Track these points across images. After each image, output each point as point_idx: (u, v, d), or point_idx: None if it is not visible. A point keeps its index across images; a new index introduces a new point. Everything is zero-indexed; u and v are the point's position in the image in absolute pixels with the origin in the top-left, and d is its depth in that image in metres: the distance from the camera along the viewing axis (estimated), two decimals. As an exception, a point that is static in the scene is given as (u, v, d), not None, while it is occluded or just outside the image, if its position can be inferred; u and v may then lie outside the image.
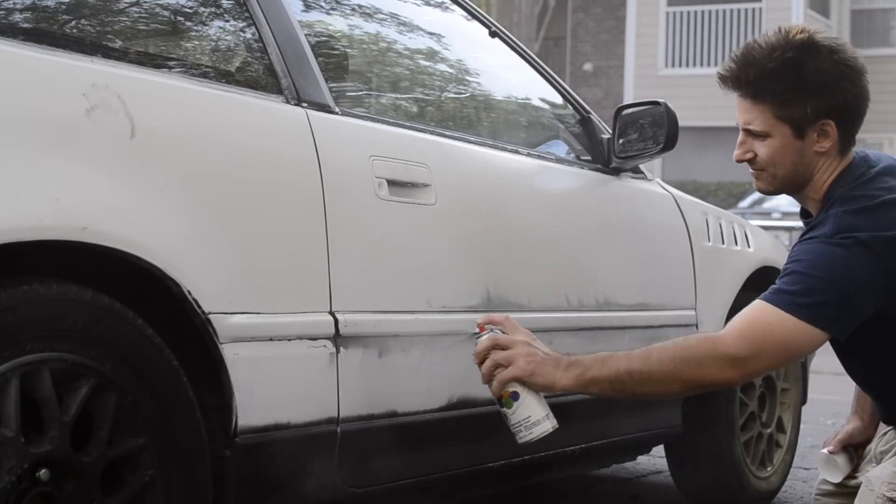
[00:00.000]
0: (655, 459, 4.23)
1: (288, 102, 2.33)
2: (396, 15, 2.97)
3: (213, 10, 2.42)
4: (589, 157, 3.19)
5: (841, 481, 2.57)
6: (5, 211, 1.77)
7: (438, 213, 2.53)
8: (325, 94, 2.41)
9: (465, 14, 3.11)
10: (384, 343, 2.37)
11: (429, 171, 2.53)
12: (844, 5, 20.49)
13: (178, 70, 2.22)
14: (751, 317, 2.27)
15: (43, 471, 1.80)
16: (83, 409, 1.86)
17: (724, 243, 3.54)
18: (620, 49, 20.95)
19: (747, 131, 2.36)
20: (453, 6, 3.10)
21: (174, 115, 2.10)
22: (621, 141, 3.15)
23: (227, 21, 2.40)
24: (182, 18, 2.39)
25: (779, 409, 3.76)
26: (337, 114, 2.42)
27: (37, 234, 1.81)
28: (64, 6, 2.18)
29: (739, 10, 19.39)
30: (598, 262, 3.04)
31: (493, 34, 3.13)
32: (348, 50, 2.74)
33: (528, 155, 2.97)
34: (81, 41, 2.11)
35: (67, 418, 1.84)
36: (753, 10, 19.25)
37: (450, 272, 2.55)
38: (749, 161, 2.39)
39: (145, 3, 2.32)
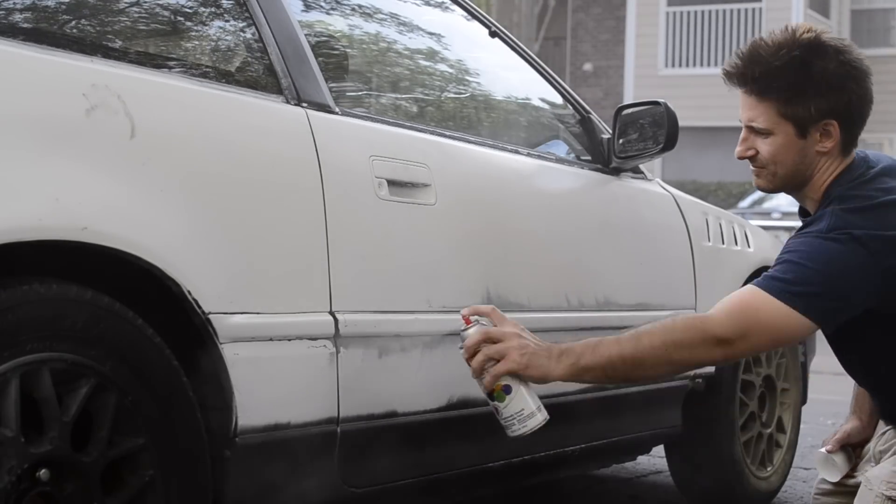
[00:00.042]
0: (655, 459, 4.23)
1: (288, 102, 2.33)
2: (396, 15, 2.97)
3: (213, 10, 2.42)
4: (589, 157, 3.19)
5: (840, 481, 2.57)
6: (5, 211, 1.77)
7: (438, 213, 2.53)
8: (325, 94, 2.41)
9: (465, 14, 3.11)
10: (384, 343, 2.37)
11: (429, 171, 2.53)
12: (844, 5, 20.48)
13: (178, 70, 2.22)
14: (741, 299, 2.28)
15: (43, 471, 1.80)
16: (83, 409, 1.86)
17: (724, 243, 3.54)
18: (620, 49, 20.95)
19: (750, 128, 2.37)
20: (453, 6, 3.10)
21: (174, 115, 2.10)
22: (621, 141, 3.15)
23: (227, 21, 2.41)
24: (182, 18, 2.39)
25: (779, 409, 3.76)
26: (337, 114, 2.42)
27: (37, 234, 1.81)
28: (64, 6, 2.18)
29: (739, 10, 19.39)
30: (598, 262, 3.04)
31: (493, 34, 3.13)
32: (348, 50, 2.74)
33: (528, 155, 2.97)
34: (81, 41, 2.11)
35: (67, 418, 1.84)
36: (753, 10, 19.25)
37: (450, 272, 2.55)
38: (750, 158, 2.39)
39: (145, 3, 2.32)
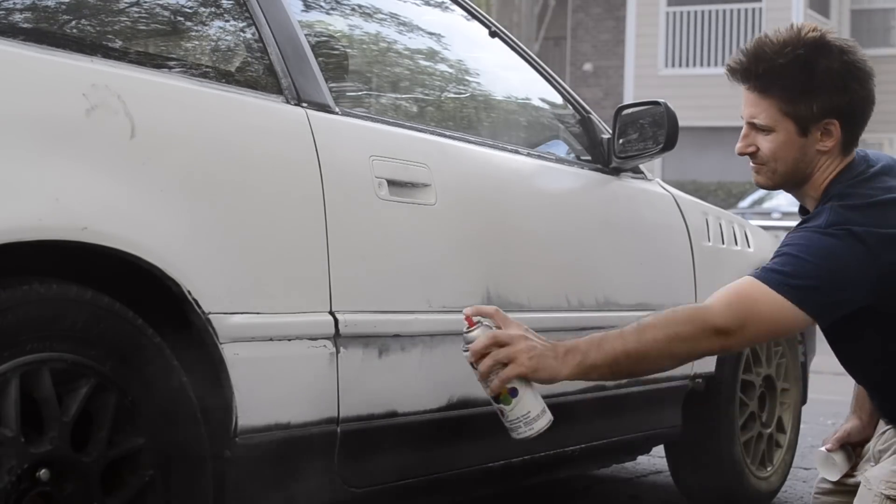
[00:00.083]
0: (655, 459, 4.23)
1: (288, 102, 2.33)
2: (396, 15, 2.97)
3: (213, 10, 2.42)
4: (589, 157, 3.19)
5: (840, 480, 2.58)
6: (5, 211, 1.77)
7: (438, 213, 2.53)
8: (325, 94, 2.41)
9: (465, 14, 3.11)
10: (384, 343, 2.36)
11: (429, 171, 2.53)
12: (844, 5, 20.49)
13: (178, 70, 2.22)
14: (739, 290, 2.28)
15: (43, 471, 1.80)
16: (83, 409, 1.86)
17: (724, 243, 3.55)
18: (620, 49, 20.95)
19: (751, 125, 2.37)
20: (453, 6, 3.10)
21: (174, 115, 2.10)
22: (621, 141, 3.15)
23: (227, 21, 2.40)
24: (182, 18, 2.39)
25: (779, 409, 3.76)
26: (337, 114, 2.41)
27: (37, 234, 1.81)
28: (64, 6, 2.18)
29: (739, 10, 19.39)
30: (598, 261, 3.04)
31: (493, 34, 3.13)
32: (348, 50, 2.74)
33: (528, 155, 2.97)
34: (81, 41, 2.11)
35: (67, 418, 1.84)
36: (753, 10, 19.25)
37: (450, 272, 2.55)
38: (751, 155, 2.40)
39: (145, 3, 2.32)
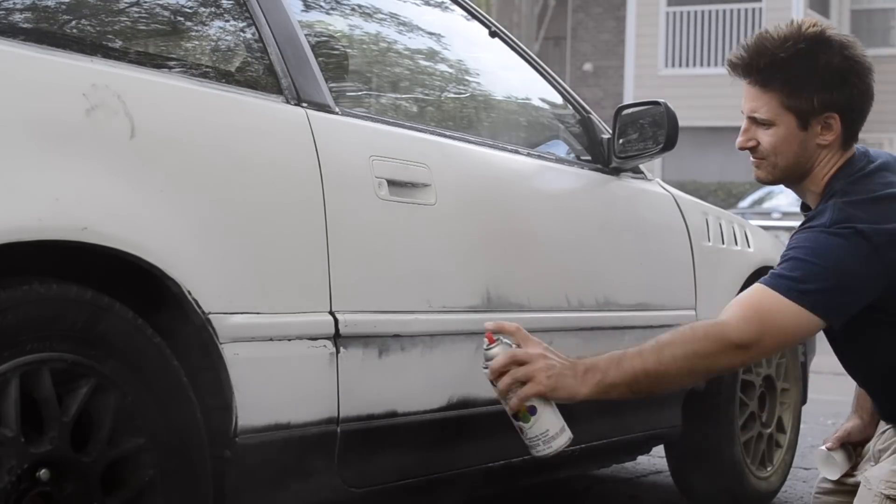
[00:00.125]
0: (655, 459, 4.23)
1: (288, 102, 2.33)
2: (396, 15, 2.97)
3: (213, 10, 2.42)
4: (589, 157, 3.19)
5: (840, 480, 2.58)
6: (5, 211, 1.77)
7: (438, 213, 2.53)
8: (325, 94, 2.41)
9: (465, 14, 3.11)
10: (384, 343, 2.36)
11: (429, 171, 2.53)
12: (844, 5, 20.48)
13: (178, 70, 2.22)
14: (753, 301, 2.27)
15: (43, 471, 1.80)
16: (83, 409, 1.86)
17: (724, 243, 3.54)
18: (620, 49, 20.94)
19: (752, 119, 2.38)
20: (453, 6, 3.10)
21: (174, 116, 2.10)
22: (621, 141, 3.15)
23: (227, 21, 2.40)
24: (182, 18, 2.39)
25: (779, 409, 3.76)
26: (337, 114, 2.41)
27: (37, 234, 1.81)
28: (64, 6, 2.18)
29: (739, 10, 19.38)
30: (598, 262, 3.04)
31: (493, 34, 3.13)
32: (348, 50, 2.74)
33: (528, 155, 2.97)
34: (81, 41, 2.11)
35: (67, 418, 1.84)
36: (753, 10, 19.24)
37: (450, 272, 2.55)
38: (751, 149, 2.40)
39: (145, 3, 2.32)
